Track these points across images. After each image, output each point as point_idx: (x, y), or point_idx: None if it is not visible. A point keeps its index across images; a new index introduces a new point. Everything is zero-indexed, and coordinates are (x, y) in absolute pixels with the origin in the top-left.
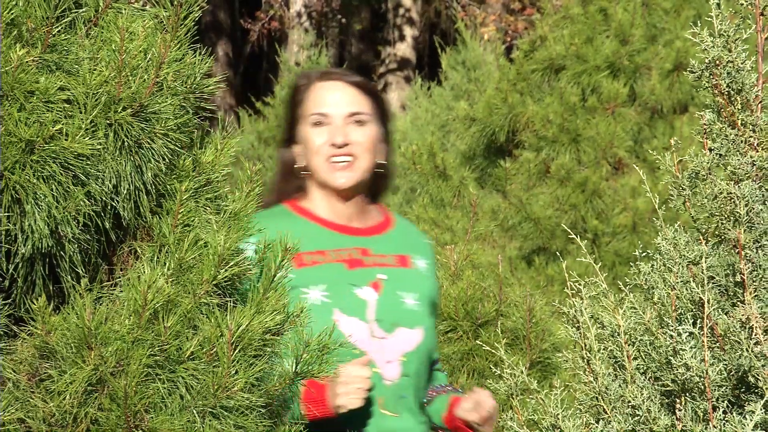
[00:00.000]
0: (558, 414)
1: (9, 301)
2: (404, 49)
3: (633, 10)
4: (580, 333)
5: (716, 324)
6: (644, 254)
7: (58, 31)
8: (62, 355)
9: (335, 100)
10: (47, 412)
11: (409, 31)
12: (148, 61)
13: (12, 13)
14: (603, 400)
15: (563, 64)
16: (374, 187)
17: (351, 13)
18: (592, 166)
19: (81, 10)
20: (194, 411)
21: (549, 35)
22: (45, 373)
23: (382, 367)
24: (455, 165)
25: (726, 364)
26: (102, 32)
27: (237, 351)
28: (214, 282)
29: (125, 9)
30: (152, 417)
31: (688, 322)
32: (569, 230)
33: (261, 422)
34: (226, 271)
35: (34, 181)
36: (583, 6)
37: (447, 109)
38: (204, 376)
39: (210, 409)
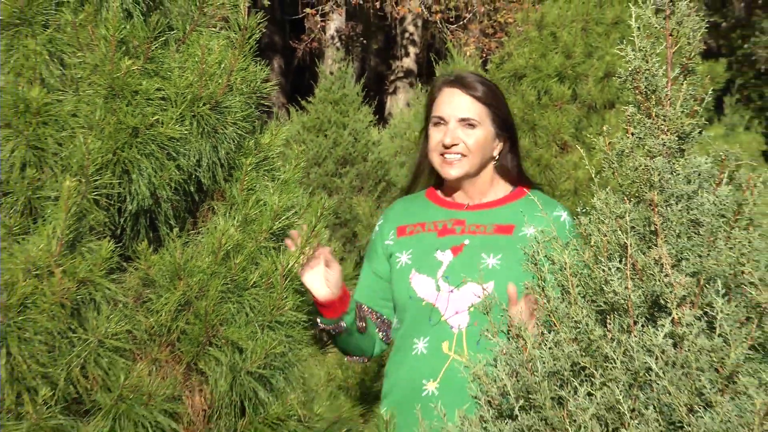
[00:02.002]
0: (520, 327)
1: (120, 244)
2: (408, 63)
3: (575, 34)
4: (537, 267)
5: (636, 261)
6: (584, 210)
7: (156, 47)
8: (159, 284)
9: (450, 105)
10: (148, 326)
11: (412, 50)
12: (221, 70)
13: (121, 34)
14: (554, 316)
15: (524, 73)
16: (500, 170)
17: (370, 36)
18: (545, 147)
19: (172, 32)
20: (256, 324)
21: (514, 52)
22: (146, 297)
23: (449, 316)
24: None
25: (643, 291)
26: (188, 48)
27: (287, 281)
28: (270, 231)
29: (205, 31)
30: (225, 329)
31: (616, 260)
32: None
33: (305, 333)
34: (279, 223)
35: (138, 157)
36: (538, 31)
37: None
38: (263, 299)
39: (267, 324)
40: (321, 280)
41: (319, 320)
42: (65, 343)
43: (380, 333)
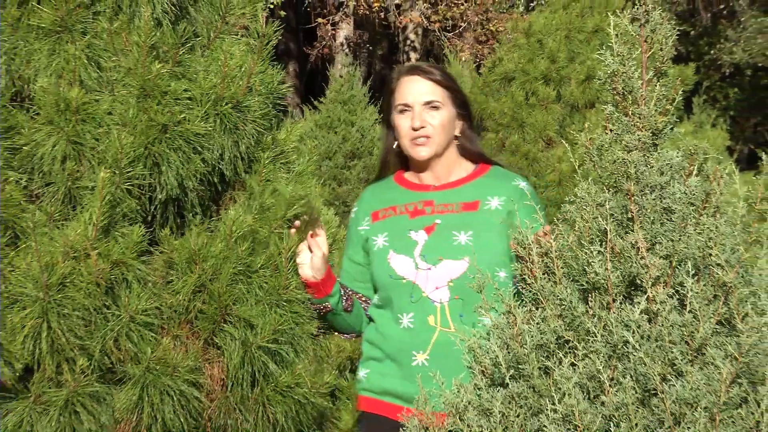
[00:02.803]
0: (511, 305)
1: (150, 230)
2: None
3: (559, 41)
4: (525, 251)
5: (615, 245)
6: (569, 200)
7: (183, 53)
8: (179, 267)
9: (413, 91)
10: (171, 303)
11: (413, 55)
12: (242, 73)
13: (152, 40)
14: (540, 295)
15: (513, 76)
16: (462, 151)
17: (375, 43)
18: (532, 142)
19: (198, 39)
20: (265, 303)
21: (504, 57)
22: (170, 277)
23: (429, 291)
24: None
25: (621, 272)
26: (212, 53)
27: (290, 263)
28: (284, 218)
29: (227, 38)
30: (237, 308)
31: (597, 244)
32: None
33: (308, 310)
34: (291, 211)
35: (167, 151)
36: (526, 38)
37: None
38: (270, 280)
39: (275, 302)
40: (306, 263)
41: (313, 300)
42: (100, 318)
43: (366, 311)
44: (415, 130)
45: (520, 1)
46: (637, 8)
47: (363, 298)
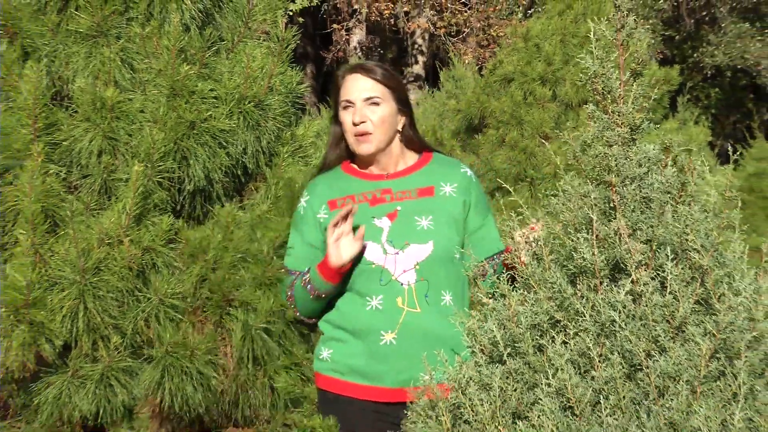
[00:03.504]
0: (505, 289)
1: (178, 219)
2: (418, 69)
3: (554, 45)
4: (513, 240)
5: (599, 232)
6: (553, 193)
7: (209, 55)
8: (186, 259)
9: (355, 88)
10: (184, 290)
11: (420, 58)
12: (263, 74)
13: (181, 44)
14: (531, 280)
15: (513, 77)
16: (406, 142)
17: (386, 47)
18: (530, 138)
19: (223, 42)
20: (259, 286)
21: (504, 60)
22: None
23: (398, 275)
24: (448, 138)
25: (606, 256)
26: (235, 56)
27: (277, 249)
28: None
29: (250, 42)
30: (239, 293)
31: (583, 231)
32: (514, 180)
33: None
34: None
35: (195, 146)
36: (524, 42)
37: (443, 105)
38: (261, 267)
39: (266, 283)
40: (345, 249)
41: (319, 286)
42: (132, 300)
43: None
44: (355, 125)
45: (518, 8)
46: (614, 15)
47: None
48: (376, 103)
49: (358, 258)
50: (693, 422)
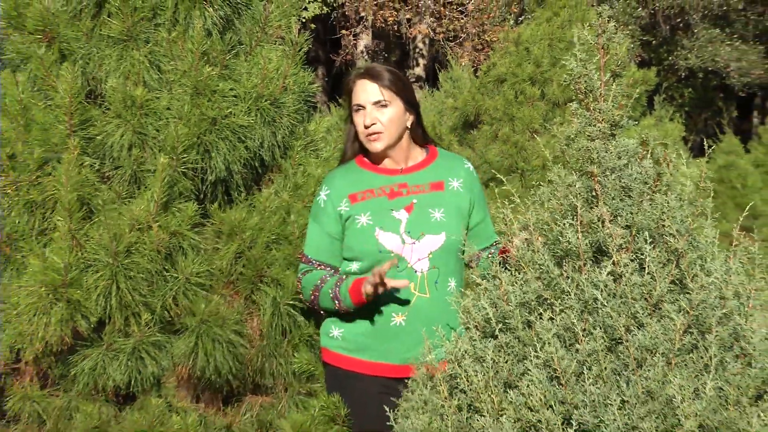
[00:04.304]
0: (497, 270)
1: (201, 206)
2: (419, 71)
3: (543, 48)
4: (506, 226)
5: (583, 217)
6: (540, 184)
7: (229, 58)
8: (224, 237)
9: (364, 93)
10: (219, 265)
11: (421, 61)
12: (278, 74)
13: (203, 47)
14: (522, 261)
15: (505, 78)
16: (414, 138)
17: (390, 51)
18: (521, 133)
19: (241, 46)
20: (288, 266)
21: (497, 62)
22: (217, 245)
23: (414, 263)
24: (446, 133)
25: (590, 240)
26: (253, 58)
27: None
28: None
29: (266, 45)
30: (271, 270)
31: (569, 217)
32: (506, 171)
33: None
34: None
35: (216, 140)
36: (516, 46)
37: (441, 103)
38: (292, 247)
39: (294, 263)
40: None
41: (347, 304)
42: (161, 279)
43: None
44: (366, 127)
45: (510, 15)
46: (596, 21)
47: (336, 270)
48: (384, 105)
49: (379, 247)
50: (668, 391)
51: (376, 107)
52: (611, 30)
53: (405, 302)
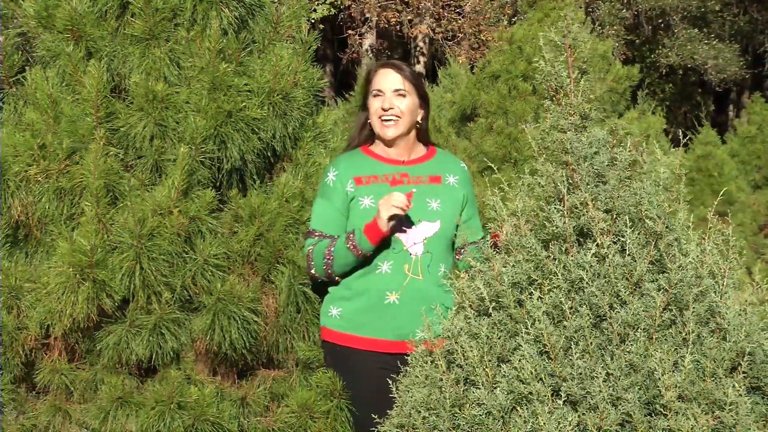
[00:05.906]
0: (490, 253)
1: (219, 193)
2: (419, 68)
3: (534, 47)
4: (495, 212)
5: (567, 201)
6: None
7: (244, 55)
8: (243, 220)
9: (387, 81)
10: (237, 249)
11: (422, 59)
12: (289, 71)
13: (220, 45)
14: (511, 245)
15: (499, 75)
16: (418, 134)
17: (393, 49)
18: (514, 125)
19: (255, 44)
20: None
21: (493, 60)
22: (235, 229)
23: (409, 246)
24: (445, 126)
25: (575, 224)
26: (266, 56)
27: None
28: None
29: (278, 44)
30: (288, 252)
31: (555, 203)
32: (500, 160)
33: None
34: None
35: (231, 131)
36: (509, 45)
37: (441, 98)
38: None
39: None
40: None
41: (365, 247)
42: (180, 261)
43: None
44: (384, 110)
45: (504, 16)
46: (562, 22)
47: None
48: (403, 95)
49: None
50: (650, 364)
51: (395, 95)
52: (575, 31)
53: (399, 282)
